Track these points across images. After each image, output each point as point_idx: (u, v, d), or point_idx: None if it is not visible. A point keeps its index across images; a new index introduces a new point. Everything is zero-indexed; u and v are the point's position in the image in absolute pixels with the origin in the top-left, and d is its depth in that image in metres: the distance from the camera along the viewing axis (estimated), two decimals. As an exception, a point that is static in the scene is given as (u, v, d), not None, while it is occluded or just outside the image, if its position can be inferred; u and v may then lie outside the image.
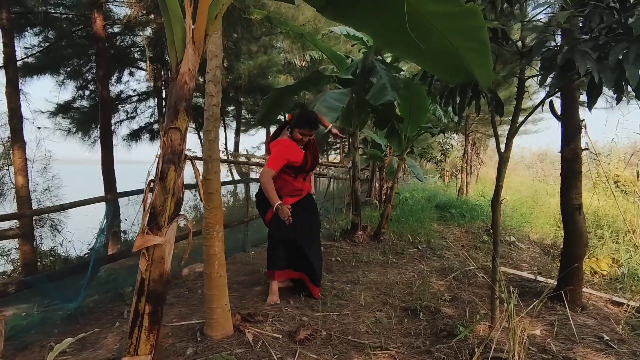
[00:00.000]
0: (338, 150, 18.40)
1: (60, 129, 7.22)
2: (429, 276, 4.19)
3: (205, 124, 2.33)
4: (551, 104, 2.53)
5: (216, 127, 2.34)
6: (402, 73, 5.93)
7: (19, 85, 4.81)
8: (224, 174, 10.47)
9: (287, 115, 5.64)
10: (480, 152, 19.35)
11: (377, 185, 10.23)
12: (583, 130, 4.06)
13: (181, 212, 1.40)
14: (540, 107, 2.70)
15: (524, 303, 3.42)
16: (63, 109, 7.22)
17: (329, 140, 15.83)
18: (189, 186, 5.49)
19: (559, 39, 2.89)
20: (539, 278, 4.12)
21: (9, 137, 5.00)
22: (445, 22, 1.66)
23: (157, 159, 1.20)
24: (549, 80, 2.35)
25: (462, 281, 4.00)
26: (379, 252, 5.17)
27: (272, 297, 3.29)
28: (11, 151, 4.86)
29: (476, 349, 2.45)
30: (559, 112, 3.46)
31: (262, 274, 4.08)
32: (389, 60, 5.58)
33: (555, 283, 3.65)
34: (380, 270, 4.40)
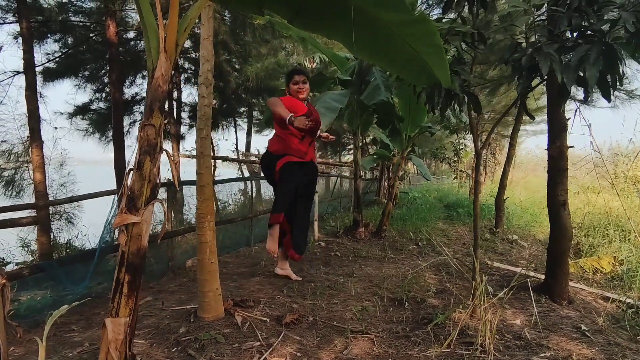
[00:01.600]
0: (352, 151, 18.53)
1: (78, 130, 7.63)
2: (423, 270, 4.33)
3: (197, 122, 2.55)
4: (523, 103, 2.66)
5: (207, 126, 2.55)
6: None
7: (38, 88, 5.18)
8: (235, 172, 10.78)
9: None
10: (495, 152, 19.20)
11: (386, 184, 10.37)
12: (588, 131, 4.15)
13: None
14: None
15: (512, 296, 3.56)
16: (81, 111, 7.60)
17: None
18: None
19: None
20: (530, 273, 4.22)
21: (28, 137, 5.39)
22: (403, 29, 1.83)
23: (134, 151, 1.42)
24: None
25: (454, 275, 4.13)
26: (378, 248, 5.33)
27: (271, 243, 3.52)
28: (30, 149, 5.24)
29: (452, 334, 2.60)
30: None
31: (262, 266, 4.30)
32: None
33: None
34: (377, 264, 4.56)
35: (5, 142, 5.92)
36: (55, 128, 6.44)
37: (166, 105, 8.78)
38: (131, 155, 1.41)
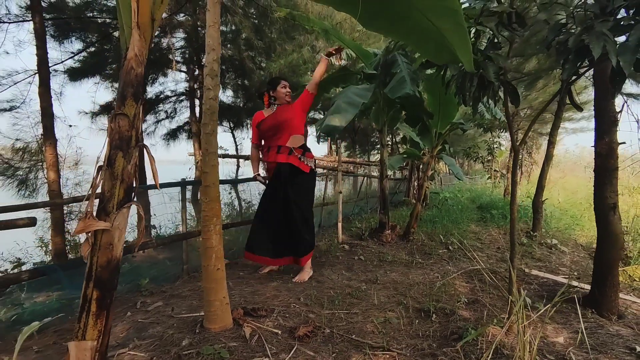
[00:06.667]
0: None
1: (102, 129, 7.61)
2: (453, 278, 4.01)
3: (203, 117, 2.35)
4: (569, 92, 2.33)
5: (213, 121, 2.35)
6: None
7: (51, 85, 5.11)
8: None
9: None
10: (532, 151, 18.36)
11: (416, 184, 10.00)
12: (637, 127, 3.73)
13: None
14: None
15: (553, 309, 3.20)
16: (105, 110, 7.58)
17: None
18: (224, 182, 5.61)
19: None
20: (574, 283, 3.83)
21: (41, 135, 5.33)
22: (423, 2, 1.57)
23: (104, 145, 1.22)
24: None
25: (487, 283, 3.79)
26: (406, 252, 5.02)
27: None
28: (44, 148, 5.18)
29: (484, 354, 2.31)
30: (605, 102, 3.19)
31: (281, 270, 4.09)
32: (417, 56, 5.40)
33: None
34: (403, 270, 4.27)
35: (19, 141, 5.93)
36: (70, 126, 6.41)
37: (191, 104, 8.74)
38: (101, 149, 1.21)
